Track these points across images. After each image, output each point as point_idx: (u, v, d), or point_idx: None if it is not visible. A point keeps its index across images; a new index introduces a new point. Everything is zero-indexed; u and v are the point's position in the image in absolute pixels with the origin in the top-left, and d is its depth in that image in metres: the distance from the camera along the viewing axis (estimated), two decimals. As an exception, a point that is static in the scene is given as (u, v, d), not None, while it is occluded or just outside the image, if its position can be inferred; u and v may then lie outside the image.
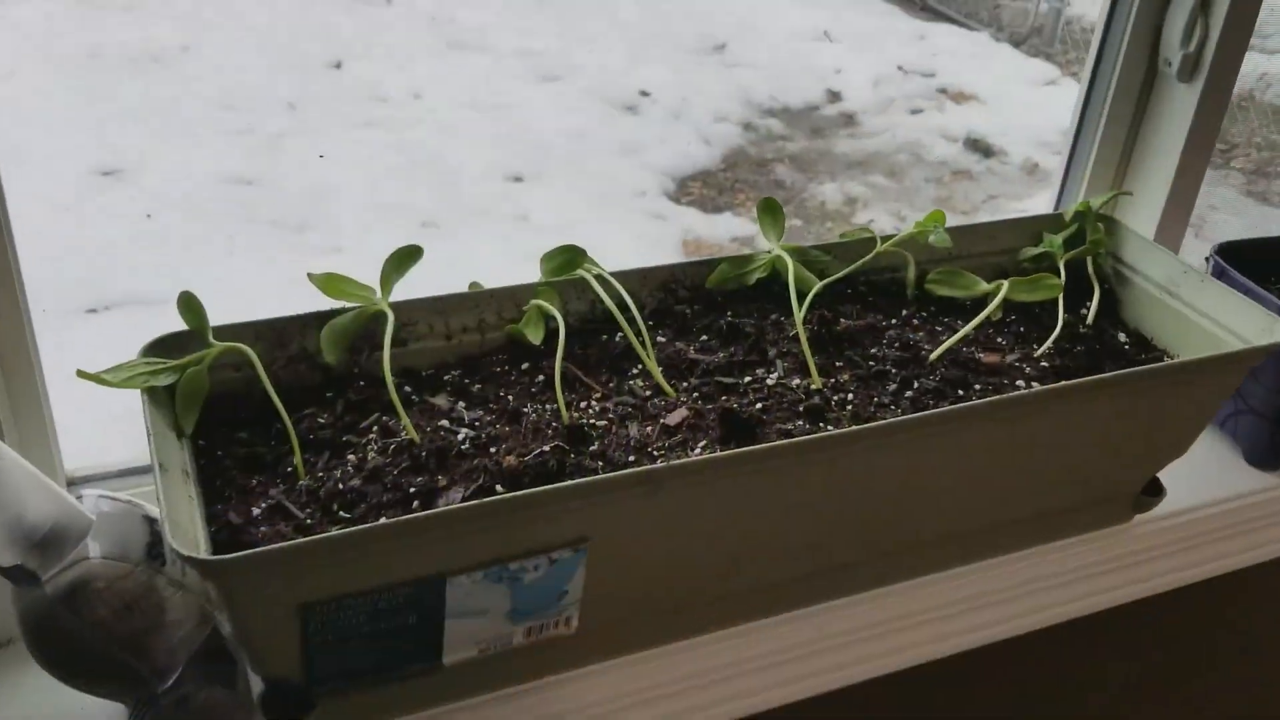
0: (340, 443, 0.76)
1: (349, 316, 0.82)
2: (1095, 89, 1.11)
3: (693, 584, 0.82)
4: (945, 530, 0.91)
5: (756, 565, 0.83)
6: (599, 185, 2.95)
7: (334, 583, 0.66)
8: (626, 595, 0.79)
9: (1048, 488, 0.92)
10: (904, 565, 0.92)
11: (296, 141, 2.94)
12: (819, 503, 0.80)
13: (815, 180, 3.20)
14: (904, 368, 0.88)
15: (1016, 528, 0.95)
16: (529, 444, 0.76)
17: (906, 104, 3.68)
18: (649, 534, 0.75)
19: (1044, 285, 0.97)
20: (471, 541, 0.69)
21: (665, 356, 0.87)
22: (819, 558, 0.86)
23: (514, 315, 0.88)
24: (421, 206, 2.69)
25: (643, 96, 3.40)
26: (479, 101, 3.27)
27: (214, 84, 3.08)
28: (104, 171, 2.69)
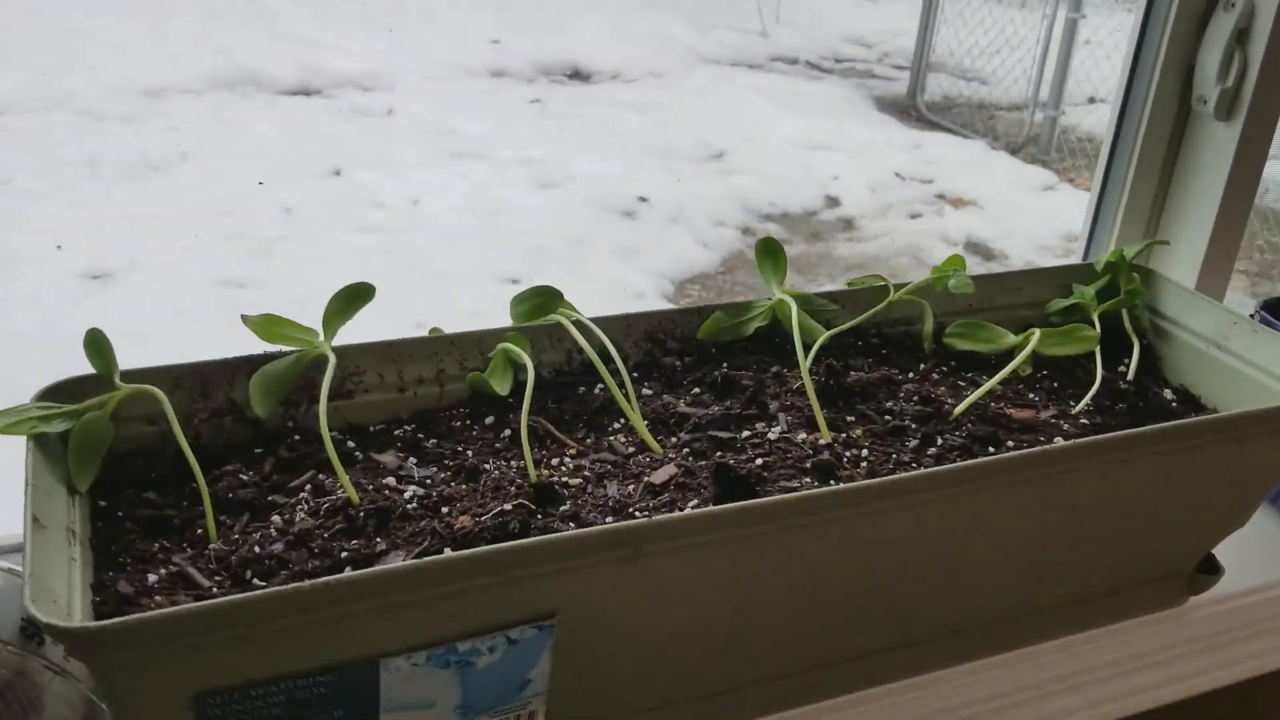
0: (264, 504, 0.65)
1: (285, 362, 0.71)
2: (1123, 131, 1.02)
3: (683, 673, 0.69)
4: (976, 612, 0.78)
5: (756, 651, 0.71)
6: (596, 287, 2.90)
7: (237, 665, 0.54)
8: (604, 686, 0.67)
9: (1090, 562, 0.80)
10: (927, 655, 0.79)
11: (292, 246, 2.89)
12: (830, 573, 0.68)
13: (815, 283, 3.13)
14: (925, 424, 0.77)
15: (1056, 612, 0.82)
16: (487, 503, 0.65)
17: (905, 209, 3.65)
18: (629, 610, 0.63)
19: (1078, 337, 0.86)
20: (411, 615, 0.57)
21: (651, 410, 0.76)
22: (829, 642, 0.73)
23: (478, 365, 0.77)
24: (416, 308, 2.63)
25: (641, 202, 3.37)
26: (477, 207, 3.24)
27: (212, 191, 3.05)
28: (93, 275, 2.63)
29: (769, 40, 5.11)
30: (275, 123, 3.77)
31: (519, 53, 4.49)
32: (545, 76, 4.44)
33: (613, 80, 4.51)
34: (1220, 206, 0.98)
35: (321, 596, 0.53)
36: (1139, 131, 1.01)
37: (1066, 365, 0.89)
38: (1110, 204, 1.04)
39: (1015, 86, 4.30)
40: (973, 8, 4.68)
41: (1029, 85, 4.08)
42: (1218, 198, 0.98)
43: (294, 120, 3.71)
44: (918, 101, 4.47)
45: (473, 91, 4.15)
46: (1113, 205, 1.04)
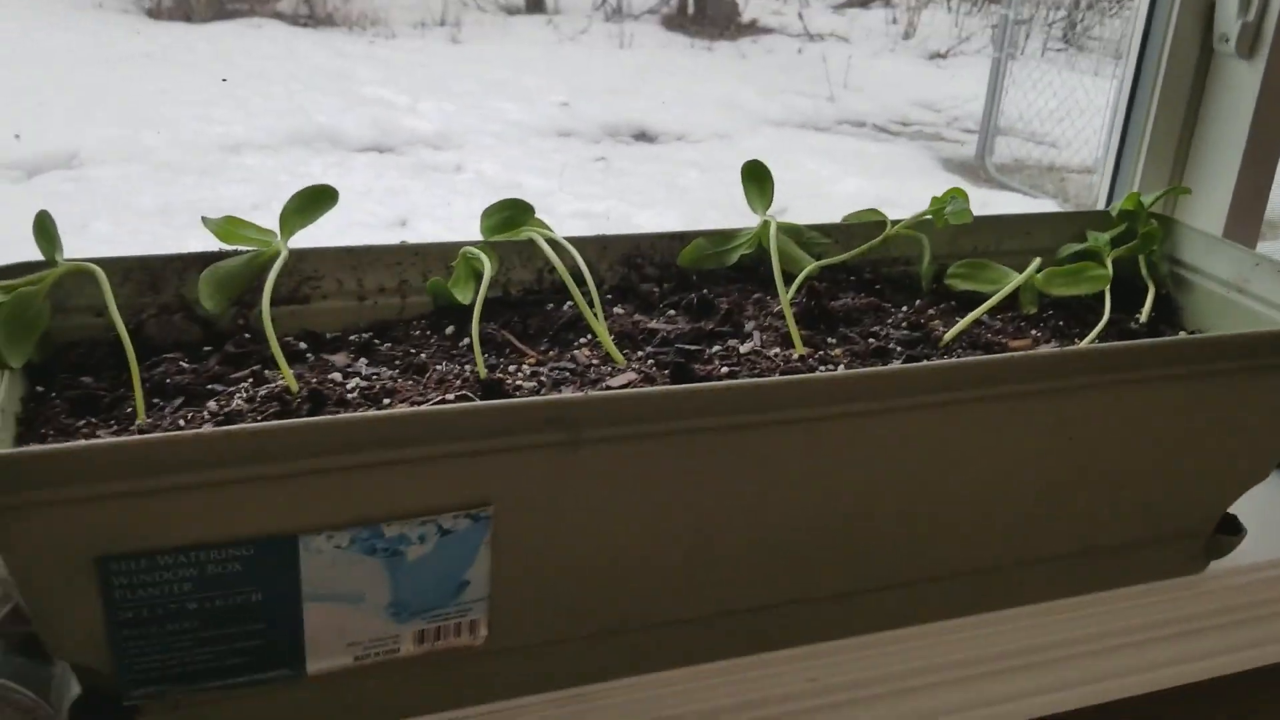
0: (202, 391, 0.62)
1: (240, 260, 0.69)
2: (1143, 75, 0.97)
3: (640, 594, 0.65)
4: (962, 558, 0.73)
5: (720, 576, 0.66)
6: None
7: (141, 527, 0.51)
8: (549, 598, 0.63)
9: (1093, 508, 0.74)
10: (907, 602, 0.73)
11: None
12: (794, 489, 0.63)
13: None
14: (911, 347, 0.72)
15: (1057, 564, 0.76)
16: (429, 394, 0.62)
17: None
18: (573, 510, 0.59)
19: (1088, 276, 0.82)
20: (330, 486, 0.53)
21: (619, 327, 0.73)
22: (799, 577, 0.68)
23: (445, 276, 0.74)
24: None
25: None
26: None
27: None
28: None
29: (836, 104, 5.10)
30: (346, 176, 3.84)
31: (587, 115, 4.53)
32: (611, 137, 4.48)
33: (678, 140, 4.52)
34: (1245, 151, 0.93)
35: (221, 446, 0.50)
36: (1158, 75, 0.96)
37: (1075, 307, 0.83)
38: (1130, 153, 0.99)
39: (1085, 148, 4.24)
40: (1041, 72, 4.65)
41: (1099, 147, 4.00)
42: (1242, 142, 0.93)
43: (365, 175, 3.78)
44: (986, 163, 4.43)
45: (539, 150, 4.20)
46: (1133, 155, 0.99)
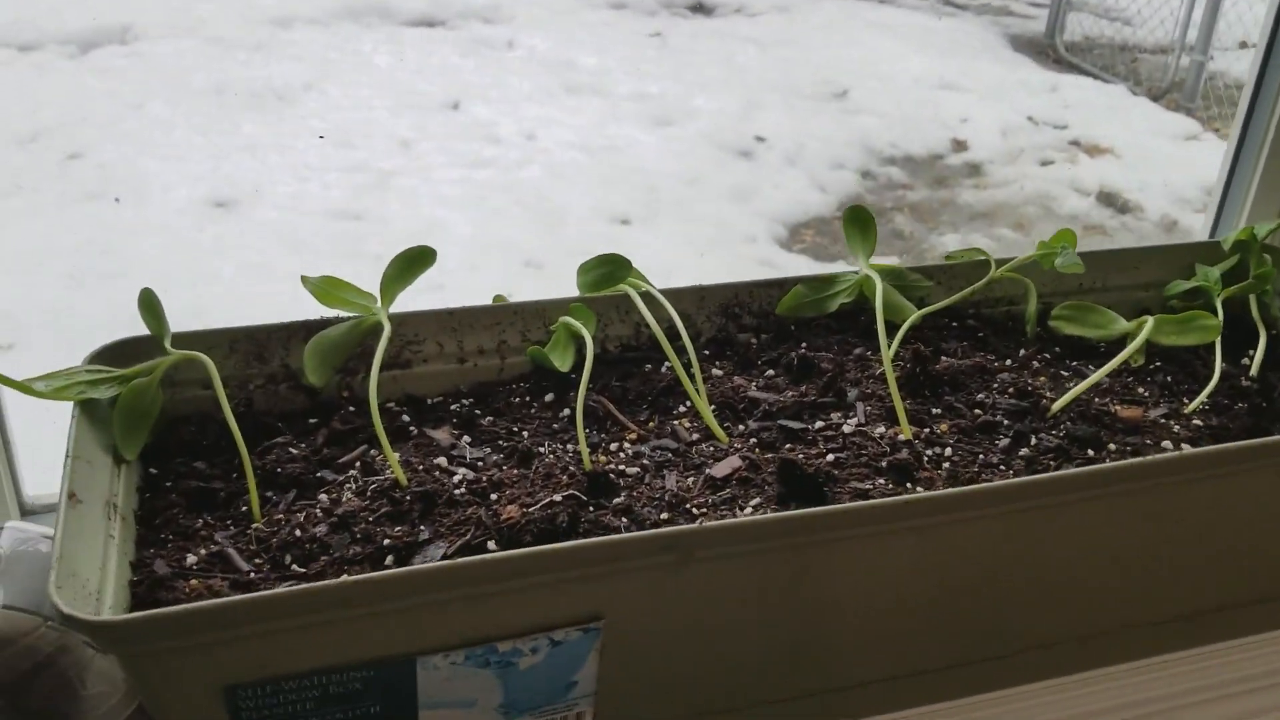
0: (312, 480, 0.63)
1: (342, 329, 0.69)
2: (1264, 84, 0.91)
3: (742, 677, 0.66)
4: (1065, 628, 0.72)
5: (828, 658, 0.67)
6: (707, 230, 2.84)
7: (267, 659, 0.52)
8: (659, 689, 0.64)
9: (1196, 579, 0.73)
10: (1013, 670, 0.73)
11: (408, 180, 2.91)
12: (902, 585, 0.63)
13: (936, 231, 3.02)
14: (1019, 420, 0.71)
15: (1151, 630, 0.76)
16: (537, 492, 0.62)
17: (1036, 155, 3.48)
18: (682, 614, 0.60)
19: (1197, 326, 0.79)
20: (449, 614, 0.54)
21: (720, 394, 0.72)
22: (903, 655, 0.69)
23: (541, 336, 0.74)
24: (526, 246, 2.63)
25: (758, 142, 3.29)
26: (591, 144, 3.20)
27: (333, 121, 3.08)
28: (218, 203, 2.69)
29: (900, -24, 4.91)
30: (397, 54, 3.77)
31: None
32: (667, 10, 4.35)
33: (736, 14, 4.40)
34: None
35: (349, 594, 0.50)
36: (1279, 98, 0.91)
37: (1183, 356, 0.81)
38: (1245, 172, 0.94)
39: (1161, 28, 4.04)
40: (1117, -62, 4.40)
41: (1176, 27, 3.82)
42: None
43: (416, 52, 3.72)
44: (1055, 41, 4.24)
45: (592, 23, 4.09)
46: (1247, 174, 0.94)
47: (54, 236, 2.31)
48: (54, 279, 2.13)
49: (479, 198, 2.84)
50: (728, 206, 2.98)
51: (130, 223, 2.55)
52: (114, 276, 2.18)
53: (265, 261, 2.45)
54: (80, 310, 2.05)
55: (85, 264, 2.23)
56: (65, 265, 2.22)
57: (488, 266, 2.55)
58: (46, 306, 2.05)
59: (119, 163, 2.72)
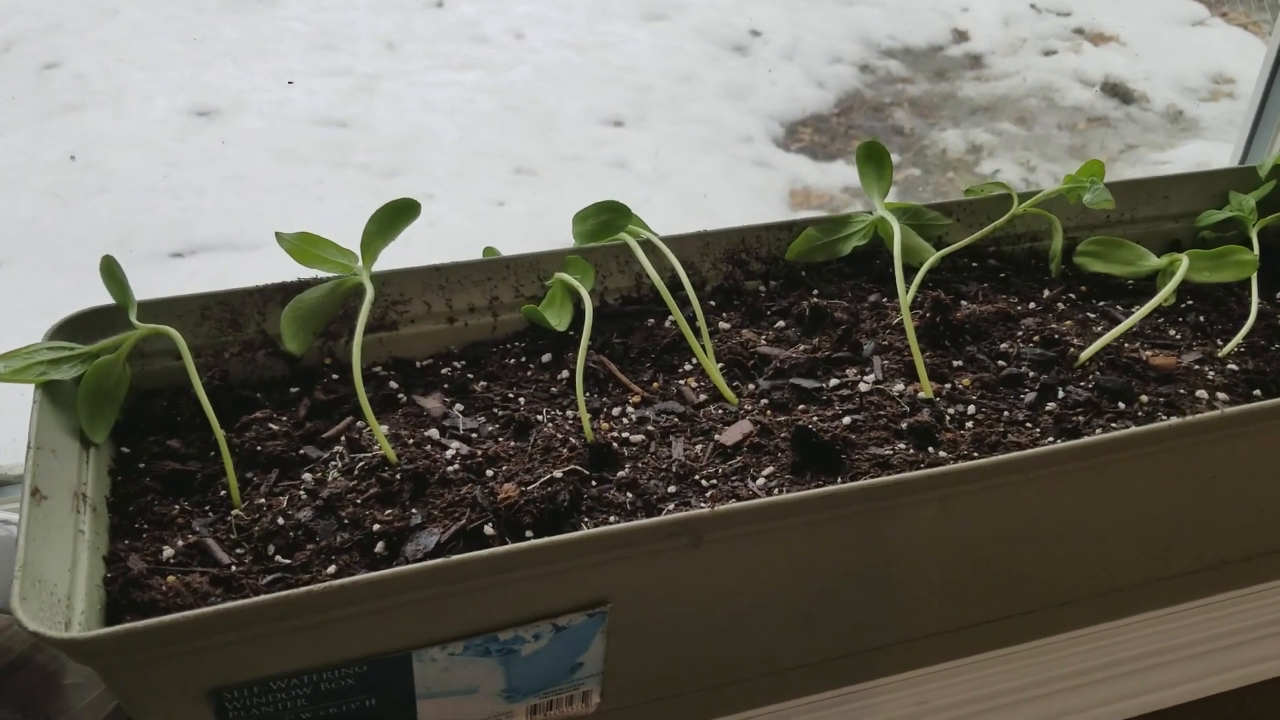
0: (295, 458, 0.59)
1: (321, 291, 0.64)
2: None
3: (754, 653, 0.63)
4: (1088, 586, 0.70)
5: (836, 628, 0.64)
6: (702, 130, 2.76)
7: (255, 660, 0.49)
8: (664, 665, 0.61)
9: (1231, 533, 0.70)
10: (1038, 622, 0.71)
11: (393, 84, 2.81)
12: (923, 554, 0.60)
13: (937, 126, 2.94)
14: (1045, 370, 0.67)
15: (1182, 580, 0.73)
16: (536, 468, 0.58)
17: (1039, 45, 3.38)
18: (691, 594, 0.56)
19: (1232, 262, 0.74)
20: (446, 607, 0.51)
21: (728, 349, 0.68)
22: (923, 619, 0.66)
23: (536, 291, 0.69)
24: (517, 152, 2.55)
25: (753, 36, 3.18)
26: (581, 42, 3.09)
27: (315, 23, 2.97)
28: (199, 112, 2.60)
29: None
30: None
31: None
32: None
33: None
34: None
35: (333, 599, 0.47)
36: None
37: (1217, 294, 0.77)
38: (1278, 93, 0.89)
39: None
40: None
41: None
42: None
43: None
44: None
45: None
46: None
47: (33, 151, 2.23)
48: (36, 195, 2.06)
49: (467, 101, 2.75)
50: (723, 105, 2.90)
51: (110, 135, 2.47)
52: (98, 192, 2.12)
53: (249, 172, 2.38)
54: (65, 229, 1.99)
55: (67, 179, 2.16)
56: (47, 180, 2.15)
57: (478, 174, 2.48)
58: (30, 224, 1.99)
59: (96, 72, 2.62)
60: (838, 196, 2.58)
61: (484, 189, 2.44)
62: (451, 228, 1.88)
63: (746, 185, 2.63)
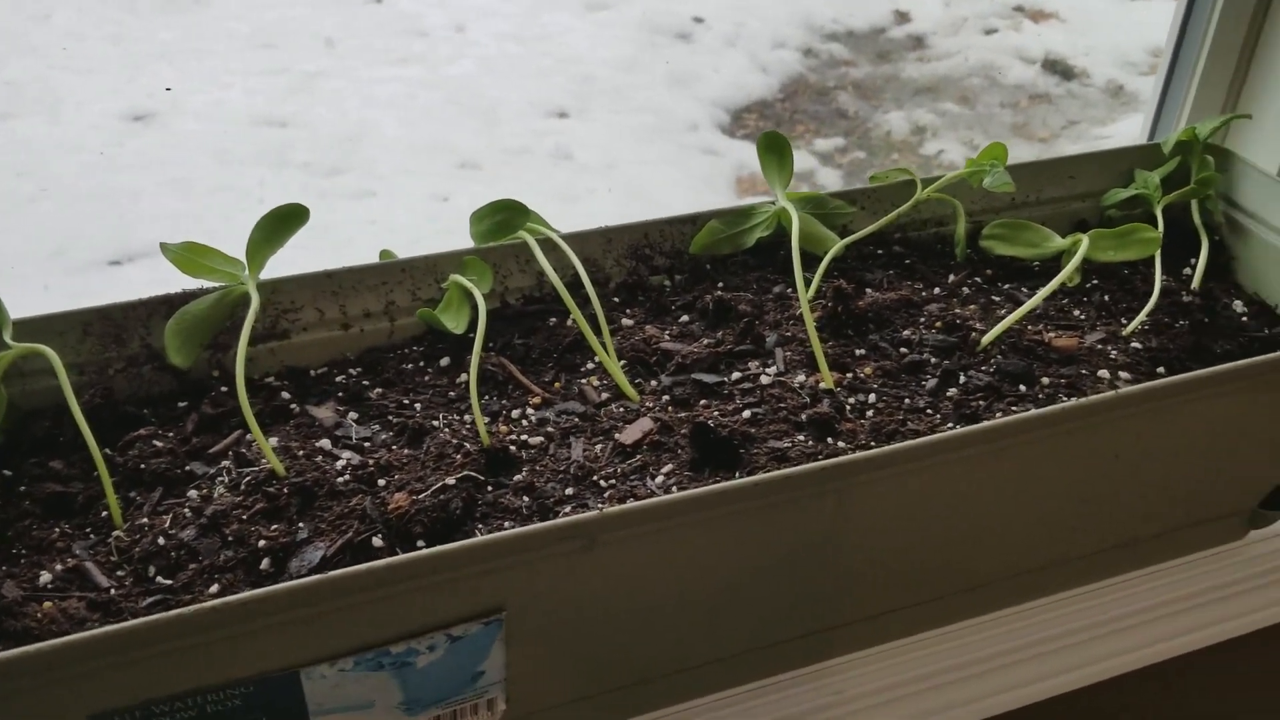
0: (180, 475, 0.58)
1: (207, 302, 0.62)
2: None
3: (663, 651, 0.62)
4: (999, 570, 0.70)
5: (746, 622, 0.63)
6: (647, 119, 2.75)
7: (135, 685, 0.48)
8: (570, 669, 0.60)
9: (1135, 510, 0.70)
10: (950, 607, 0.71)
11: (333, 81, 2.78)
12: (827, 545, 0.60)
13: (881, 108, 2.95)
14: (947, 356, 0.67)
15: (1092, 559, 0.73)
16: (429, 475, 0.57)
17: (980, 24, 3.39)
18: (590, 596, 0.56)
19: (1135, 240, 0.74)
20: (331, 623, 0.50)
21: (630, 346, 0.67)
22: (833, 610, 0.66)
23: (434, 294, 0.68)
24: (460, 146, 2.53)
25: (696, 23, 3.17)
26: (523, 34, 3.07)
27: (252, 22, 2.92)
28: (135, 117, 2.55)
29: None
30: (319, -55, 3.57)
31: None
32: None
33: None
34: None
35: (207, 621, 0.46)
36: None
37: (1122, 273, 0.77)
38: (1184, 70, 0.89)
39: (1100, -118, 3.91)
40: None
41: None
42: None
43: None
44: None
45: None
46: (1186, 71, 0.89)
47: (-34, 160, 2.18)
48: (-30, 205, 2.02)
49: (409, 96, 2.72)
50: (668, 93, 2.89)
51: (45, 142, 2.42)
52: (33, 200, 2.07)
53: (189, 176, 2.35)
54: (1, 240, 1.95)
55: (1, 188, 2.12)
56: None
57: (421, 170, 2.45)
58: (-36, 235, 1.95)
59: (29, 79, 2.57)
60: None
61: (427, 184, 2.41)
62: (394, 224, 1.86)
63: (693, 173, 2.63)
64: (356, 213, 1.79)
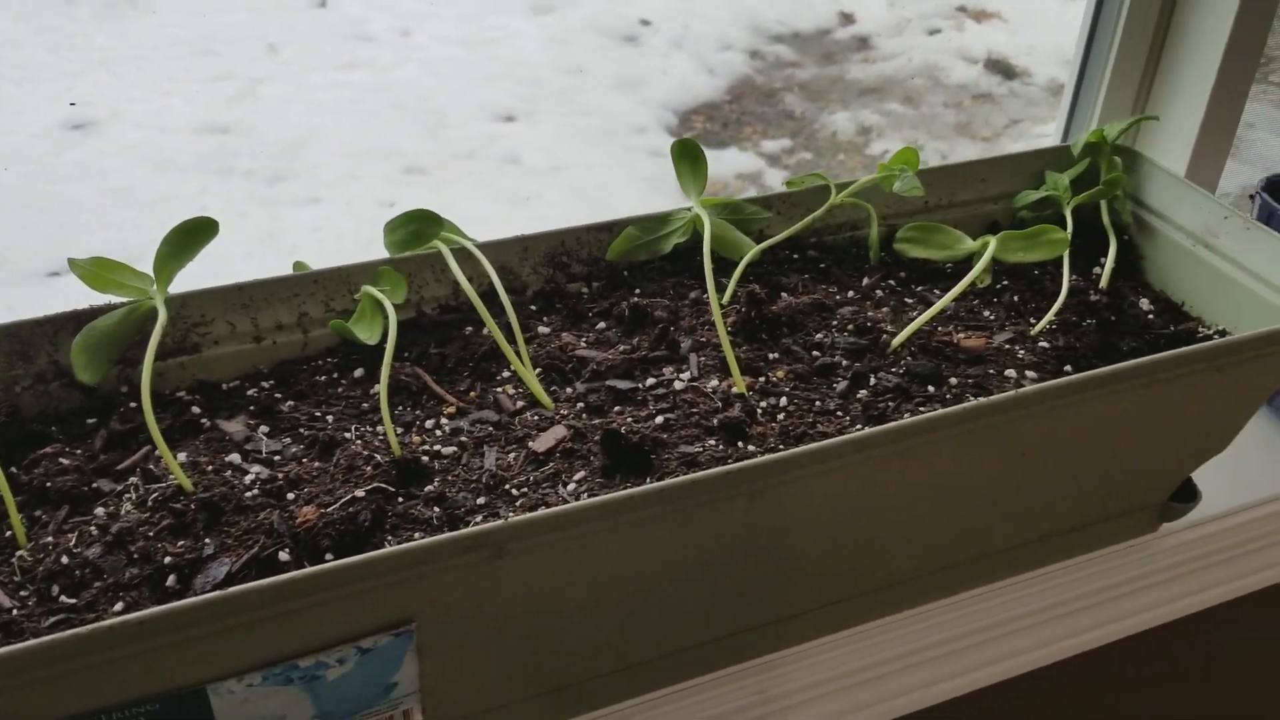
0: (87, 493, 0.57)
1: (115, 318, 0.62)
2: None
3: (580, 658, 0.63)
4: (913, 567, 0.71)
5: (664, 624, 0.64)
6: (595, 122, 2.76)
7: (29, 706, 0.47)
8: (486, 677, 0.60)
9: (1045, 506, 0.72)
10: (869, 605, 0.72)
11: (277, 87, 2.76)
12: (740, 548, 0.60)
13: (827, 110, 2.98)
14: (858, 358, 0.68)
15: (1008, 554, 0.75)
16: (338, 488, 0.57)
17: (924, 24, 3.43)
18: (502, 605, 0.56)
19: (1044, 241, 0.76)
20: (235, 639, 0.50)
21: (546, 354, 0.67)
22: (751, 611, 0.66)
23: (349, 306, 0.68)
24: (406, 151, 2.52)
25: (643, 26, 3.18)
26: (470, 38, 3.06)
27: (193, 28, 2.89)
28: (75, 125, 2.52)
29: None
30: (262, -50, 3.53)
31: None
32: None
33: None
34: (1218, 76, 0.85)
35: (105, 640, 0.46)
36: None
37: (1032, 273, 0.78)
38: (1094, 73, 0.91)
39: (1040, -118, 3.97)
40: None
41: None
42: (1215, 66, 0.85)
43: (280, -51, 3.50)
44: None
45: None
46: (1097, 74, 0.91)
47: (-98, 174, 2.15)
48: (-94, 219, 1.99)
49: (354, 102, 2.70)
50: (615, 96, 2.89)
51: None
52: (-31, 213, 2.04)
53: (129, 185, 2.32)
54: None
55: (-61, 200, 2.08)
56: (-84, 203, 2.07)
57: (367, 175, 2.44)
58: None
59: (-35, 91, 2.53)
60: (732, 184, 2.60)
61: (373, 190, 2.40)
62: (339, 231, 1.85)
63: (641, 175, 2.63)
64: (301, 220, 1.78)
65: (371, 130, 2.62)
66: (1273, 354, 0.68)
